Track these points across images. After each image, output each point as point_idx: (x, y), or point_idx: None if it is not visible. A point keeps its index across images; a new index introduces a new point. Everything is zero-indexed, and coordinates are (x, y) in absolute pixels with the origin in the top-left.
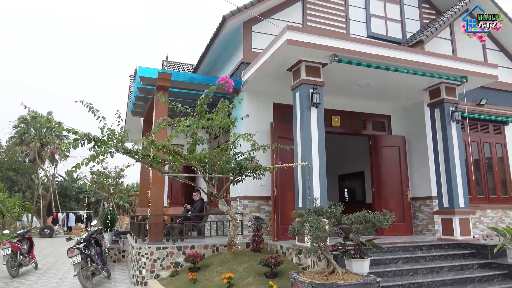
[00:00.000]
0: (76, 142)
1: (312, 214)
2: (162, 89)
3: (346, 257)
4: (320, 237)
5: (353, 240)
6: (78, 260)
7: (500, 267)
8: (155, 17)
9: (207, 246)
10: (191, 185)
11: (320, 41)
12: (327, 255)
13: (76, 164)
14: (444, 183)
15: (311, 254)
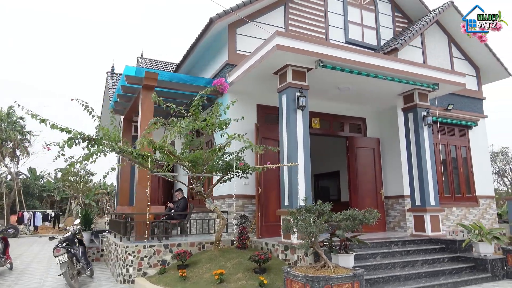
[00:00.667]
0: (70, 141)
1: (304, 212)
2: (148, 88)
3: (334, 252)
4: (313, 233)
5: (340, 236)
6: (65, 259)
7: (467, 260)
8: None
9: (193, 244)
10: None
11: (307, 47)
12: (318, 251)
13: (71, 163)
14: (416, 183)
15: (299, 250)
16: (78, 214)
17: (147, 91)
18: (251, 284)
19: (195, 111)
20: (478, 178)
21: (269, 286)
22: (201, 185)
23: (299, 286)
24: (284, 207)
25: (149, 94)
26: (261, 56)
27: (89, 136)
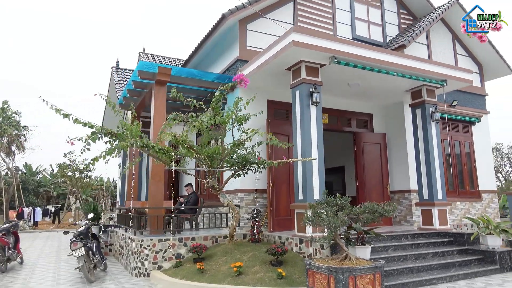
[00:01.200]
0: (94, 136)
1: (324, 205)
2: (161, 83)
3: (351, 244)
4: (336, 226)
5: (357, 229)
6: (82, 252)
7: (475, 253)
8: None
9: (206, 237)
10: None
11: (322, 43)
12: (340, 243)
13: (94, 157)
14: (424, 178)
15: (315, 243)
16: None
17: (160, 86)
18: (269, 276)
19: (216, 106)
20: (480, 173)
21: (287, 277)
22: (215, 180)
23: (322, 277)
24: (298, 201)
25: (162, 89)
26: (275, 52)
27: (111, 131)
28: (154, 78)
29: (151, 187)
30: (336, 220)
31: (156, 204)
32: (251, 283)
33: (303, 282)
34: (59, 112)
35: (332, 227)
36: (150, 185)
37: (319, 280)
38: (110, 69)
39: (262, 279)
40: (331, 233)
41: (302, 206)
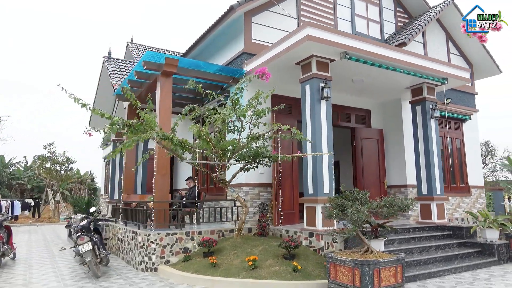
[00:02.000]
0: (113, 127)
1: (345, 200)
2: (167, 74)
3: (367, 238)
4: (361, 220)
5: (372, 223)
6: (89, 247)
7: (474, 246)
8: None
9: (213, 231)
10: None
11: (335, 38)
12: (362, 237)
13: (115, 150)
14: (423, 173)
15: (326, 236)
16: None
17: (166, 78)
18: (284, 269)
19: (236, 99)
20: (470, 169)
21: (302, 271)
22: (224, 173)
23: (345, 270)
24: (308, 196)
25: (168, 81)
26: (288, 46)
27: (130, 123)
28: (160, 69)
29: (157, 181)
30: (361, 214)
31: (162, 197)
32: (267, 277)
33: (318, 275)
34: (77, 101)
35: (356, 221)
36: (156, 179)
37: (342, 273)
38: (102, 58)
39: (277, 272)
40: (355, 227)
41: (313, 200)
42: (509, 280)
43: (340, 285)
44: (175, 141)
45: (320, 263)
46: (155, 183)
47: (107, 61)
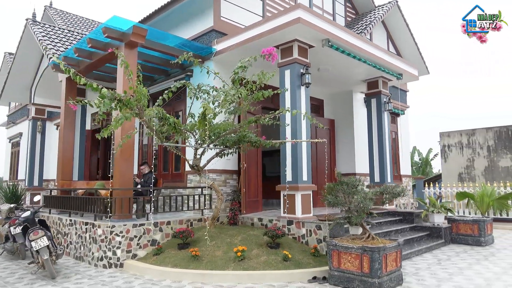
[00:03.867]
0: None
1: (344, 186)
2: (133, 46)
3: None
4: (366, 207)
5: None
6: (45, 242)
7: (424, 229)
8: None
9: (181, 221)
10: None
11: (322, 25)
12: (363, 224)
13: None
14: (376, 162)
15: (308, 224)
16: None
17: (131, 49)
18: (273, 259)
19: (239, 78)
20: (402, 159)
21: (292, 259)
22: (199, 159)
23: (352, 257)
24: (287, 183)
25: (132, 53)
26: (273, 27)
27: (120, 97)
28: (125, 38)
29: (120, 165)
30: (368, 201)
31: (124, 184)
32: (259, 267)
33: (309, 263)
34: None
35: (362, 208)
36: (117, 163)
37: (348, 260)
38: (24, 21)
39: (268, 262)
40: (362, 214)
41: (293, 188)
42: (466, 258)
43: (345, 272)
44: (171, 121)
45: (304, 251)
46: (116, 168)
47: (32, 24)
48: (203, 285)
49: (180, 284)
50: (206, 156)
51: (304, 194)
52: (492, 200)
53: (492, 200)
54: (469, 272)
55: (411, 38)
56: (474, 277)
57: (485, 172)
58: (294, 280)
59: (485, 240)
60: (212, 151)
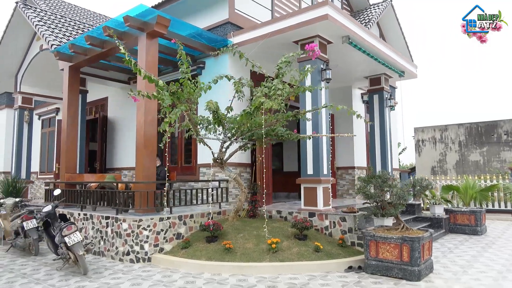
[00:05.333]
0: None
1: (377, 179)
2: (154, 36)
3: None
4: (406, 199)
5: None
6: (79, 238)
7: (425, 220)
8: None
9: (203, 214)
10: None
11: (345, 22)
12: (399, 216)
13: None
14: (378, 156)
15: (331, 216)
16: None
17: (152, 40)
18: (304, 250)
19: (283, 72)
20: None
21: (324, 250)
22: (225, 152)
23: (391, 246)
24: (307, 176)
25: (154, 44)
26: (298, 22)
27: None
28: (147, 28)
29: (143, 158)
30: (407, 194)
31: (148, 177)
32: (295, 258)
33: (339, 254)
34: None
35: (399, 199)
36: (140, 156)
37: (386, 250)
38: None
39: (301, 253)
40: (400, 206)
41: (314, 181)
42: (472, 246)
43: (383, 261)
44: (219, 114)
45: (330, 242)
46: (138, 161)
47: (24, 7)
48: (245, 277)
49: (221, 277)
50: (229, 150)
51: (325, 187)
52: (475, 192)
53: (475, 192)
54: (483, 259)
55: (402, 39)
56: (490, 263)
57: (456, 166)
58: (331, 270)
59: (481, 229)
60: (234, 145)
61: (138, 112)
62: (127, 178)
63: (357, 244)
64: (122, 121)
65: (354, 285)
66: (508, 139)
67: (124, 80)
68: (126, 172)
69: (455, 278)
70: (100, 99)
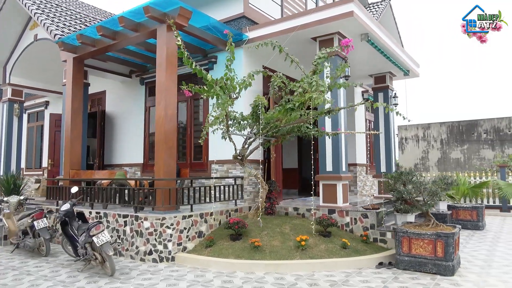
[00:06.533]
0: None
1: (409, 177)
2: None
3: (401, 212)
4: (439, 195)
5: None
6: (107, 237)
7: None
8: None
9: (222, 212)
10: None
11: (367, 20)
12: (429, 213)
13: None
14: (383, 154)
15: (352, 213)
16: None
17: (171, 32)
18: (332, 247)
19: (321, 68)
20: None
21: (351, 247)
22: (247, 149)
23: (425, 242)
24: (326, 173)
25: (172, 36)
26: (320, 19)
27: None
28: (166, 19)
29: (163, 154)
30: (440, 189)
31: (169, 174)
32: (325, 255)
33: (366, 250)
34: None
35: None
36: (160, 152)
37: (420, 246)
38: None
39: (329, 250)
40: (431, 203)
41: (334, 178)
42: (480, 241)
43: (416, 257)
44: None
45: (353, 238)
46: (159, 157)
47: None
48: (280, 275)
49: (257, 276)
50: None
51: (344, 184)
52: (467, 189)
53: (467, 188)
54: (498, 253)
55: (399, 38)
56: (508, 256)
57: (438, 163)
58: (362, 267)
59: (482, 224)
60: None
61: (158, 107)
62: (129, 175)
63: (379, 240)
64: (121, 115)
65: (393, 281)
66: (488, 138)
67: (125, 73)
68: (127, 168)
69: (485, 272)
70: (97, 92)
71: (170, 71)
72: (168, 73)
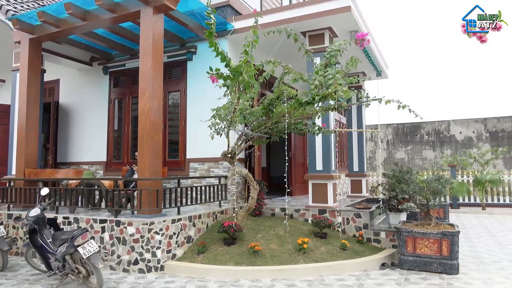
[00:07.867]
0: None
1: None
2: (159, 11)
3: (393, 211)
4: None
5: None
6: (95, 247)
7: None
8: None
9: (209, 214)
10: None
11: (359, 17)
12: (430, 212)
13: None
14: (355, 153)
15: (344, 212)
16: None
17: (158, 14)
18: (331, 249)
19: (334, 61)
20: None
21: (350, 249)
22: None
23: (430, 242)
24: (316, 172)
25: (160, 20)
26: (315, 12)
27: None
28: (154, 1)
29: (148, 151)
30: (444, 189)
31: (155, 173)
32: (328, 258)
33: (364, 251)
34: None
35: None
36: (145, 148)
37: (425, 245)
38: None
39: (330, 252)
40: (433, 201)
41: (324, 177)
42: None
43: (421, 256)
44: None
45: (348, 239)
46: (143, 154)
47: None
48: (289, 281)
49: (265, 283)
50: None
51: (334, 183)
52: None
53: None
54: (480, 249)
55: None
56: (491, 252)
57: (384, 163)
58: (367, 268)
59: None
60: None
61: (142, 98)
62: None
63: (373, 240)
64: (78, 108)
65: (405, 282)
66: (429, 139)
67: (84, 60)
68: (86, 167)
69: (483, 269)
70: (49, 81)
71: (156, 59)
72: (154, 61)
